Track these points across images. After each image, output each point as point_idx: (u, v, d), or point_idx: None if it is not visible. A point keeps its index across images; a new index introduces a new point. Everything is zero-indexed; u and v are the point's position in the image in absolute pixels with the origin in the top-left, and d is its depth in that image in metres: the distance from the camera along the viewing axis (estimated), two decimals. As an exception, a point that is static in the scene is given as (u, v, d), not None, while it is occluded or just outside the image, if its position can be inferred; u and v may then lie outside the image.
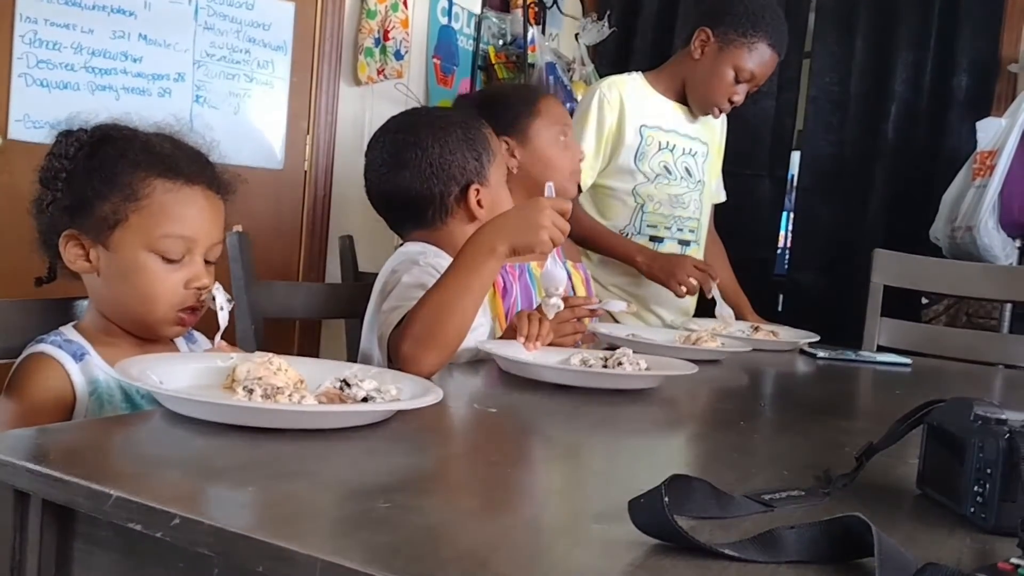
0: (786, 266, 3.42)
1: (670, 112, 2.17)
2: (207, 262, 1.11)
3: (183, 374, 0.92)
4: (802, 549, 0.59)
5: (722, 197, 2.39)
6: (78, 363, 1.04)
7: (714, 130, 2.28)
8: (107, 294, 1.09)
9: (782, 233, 3.51)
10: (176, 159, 1.09)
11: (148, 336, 1.10)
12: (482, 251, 1.16)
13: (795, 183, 3.37)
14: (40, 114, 2.27)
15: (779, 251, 3.50)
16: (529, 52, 3.03)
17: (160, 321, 1.08)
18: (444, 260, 1.33)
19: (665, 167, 2.16)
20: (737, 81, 2.08)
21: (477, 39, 3.08)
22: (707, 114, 2.18)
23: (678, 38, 3.07)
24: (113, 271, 1.07)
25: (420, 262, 1.37)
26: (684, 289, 2.00)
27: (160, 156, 1.09)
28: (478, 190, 1.45)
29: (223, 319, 1.07)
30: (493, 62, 3.08)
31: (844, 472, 0.79)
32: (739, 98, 2.12)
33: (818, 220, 3.23)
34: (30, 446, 0.70)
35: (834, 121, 3.18)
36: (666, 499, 0.58)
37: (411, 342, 1.15)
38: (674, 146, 2.17)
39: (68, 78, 2.35)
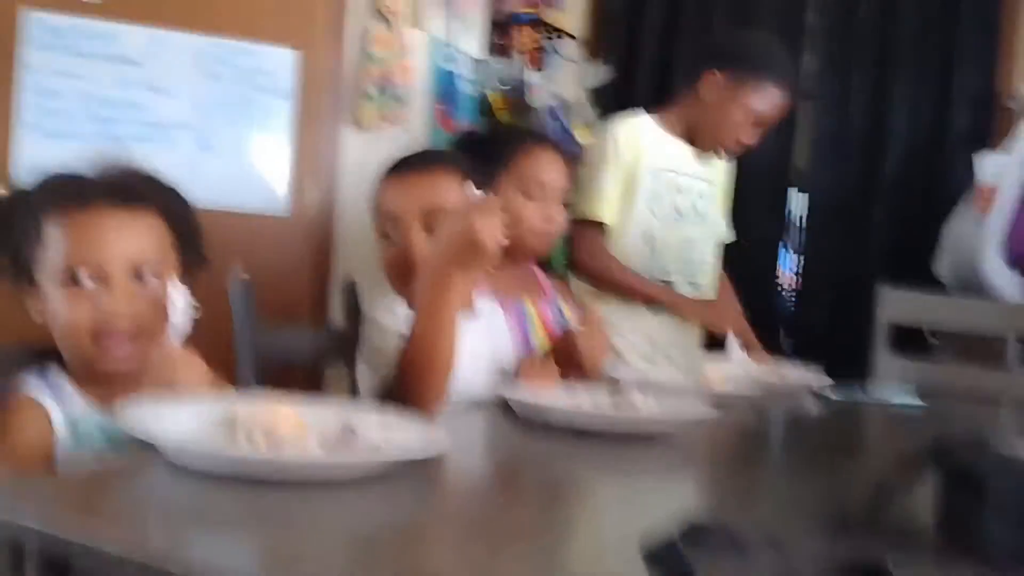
0: (790, 304, 3.40)
1: (680, 153, 2.15)
2: (140, 278, 1.05)
3: (184, 419, 0.90)
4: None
5: (731, 236, 2.38)
6: (57, 402, 1.03)
7: (719, 169, 2.28)
8: (55, 338, 1.07)
9: (783, 271, 3.50)
10: (61, 187, 1.07)
11: (95, 375, 1.06)
12: (438, 288, 1.15)
13: (800, 223, 3.37)
14: (45, 164, 2.28)
15: (780, 289, 3.49)
16: (530, 96, 3.05)
17: (86, 351, 1.04)
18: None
19: (676, 209, 2.14)
20: (747, 122, 2.07)
21: (479, 84, 3.10)
22: (716, 155, 2.18)
23: (678, 79, 3.09)
24: (47, 315, 1.06)
25: (395, 309, 1.36)
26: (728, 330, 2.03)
27: (48, 193, 1.07)
28: None
29: (179, 321, 1.04)
30: (495, 107, 3.10)
31: (860, 512, 0.78)
32: (748, 139, 2.11)
33: (823, 257, 3.22)
34: (27, 498, 0.68)
35: (835, 159, 3.19)
36: (681, 546, 0.56)
37: (408, 393, 1.15)
38: (684, 188, 2.16)
39: (73, 127, 2.36)
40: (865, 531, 0.75)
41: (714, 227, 2.26)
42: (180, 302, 1.04)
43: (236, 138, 2.62)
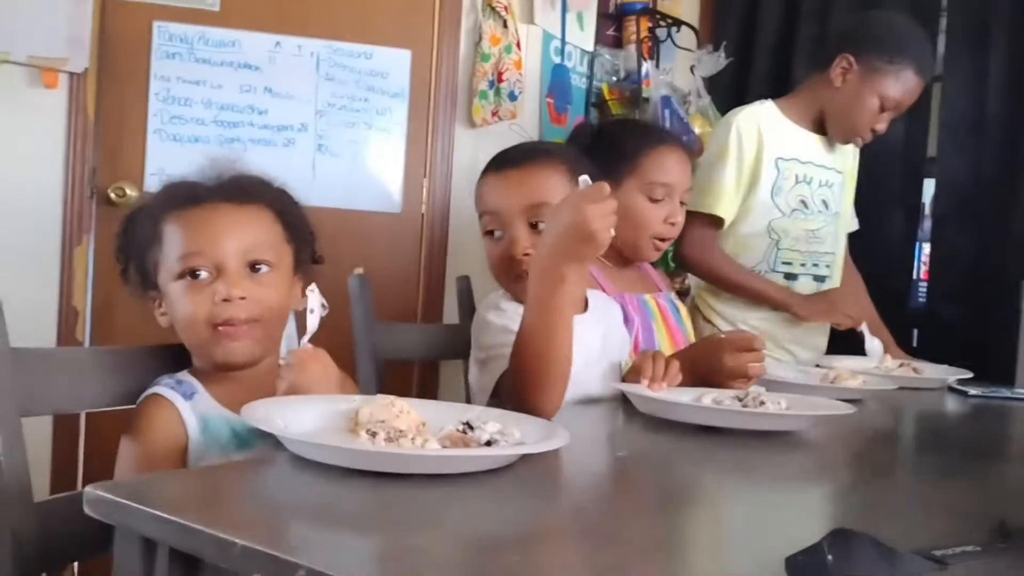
0: (922, 298, 3.22)
1: (806, 142, 2.07)
2: (256, 270, 1.08)
3: (307, 417, 0.91)
4: (990, 615, 0.52)
5: (855, 225, 2.28)
6: (188, 401, 1.06)
7: (847, 157, 2.18)
8: (180, 337, 1.11)
9: (917, 264, 3.32)
10: (176, 190, 1.12)
11: (220, 368, 1.09)
12: (550, 284, 1.08)
13: (929, 211, 3.19)
14: (173, 168, 2.33)
15: (914, 283, 3.31)
16: (643, 87, 2.99)
17: (205, 342, 1.07)
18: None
19: (802, 201, 2.06)
20: (882, 109, 1.98)
21: (590, 76, 3.06)
22: (847, 143, 2.09)
23: (798, 65, 2.97)
24: (170, 313, 1.10)
25: (501, 305, 1.34)
26: (851, 320, 1.97)
27: (164, 197, 1.12)
28: None
29: (311, 322, 1.04)
30: (607, 99, 3.05)
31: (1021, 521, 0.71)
32: (882, 127, 2.02)
33: (956, 249, 3.03)
34: (158, 494, 0.69)
35: (969, 145, 3.00)
36: (829, 557, 0.52)
37: (523, 393, 1.11)
38: (811, 178, 2.07)
39: (199, 132, 2.45)
40: (1027, 542, 0.68)
41: (842, 218, 2.16)
42: (313, 302, 1.05)
43: (353, 139, 2.67)
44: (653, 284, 1.80)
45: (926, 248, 3.28)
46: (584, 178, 1.09)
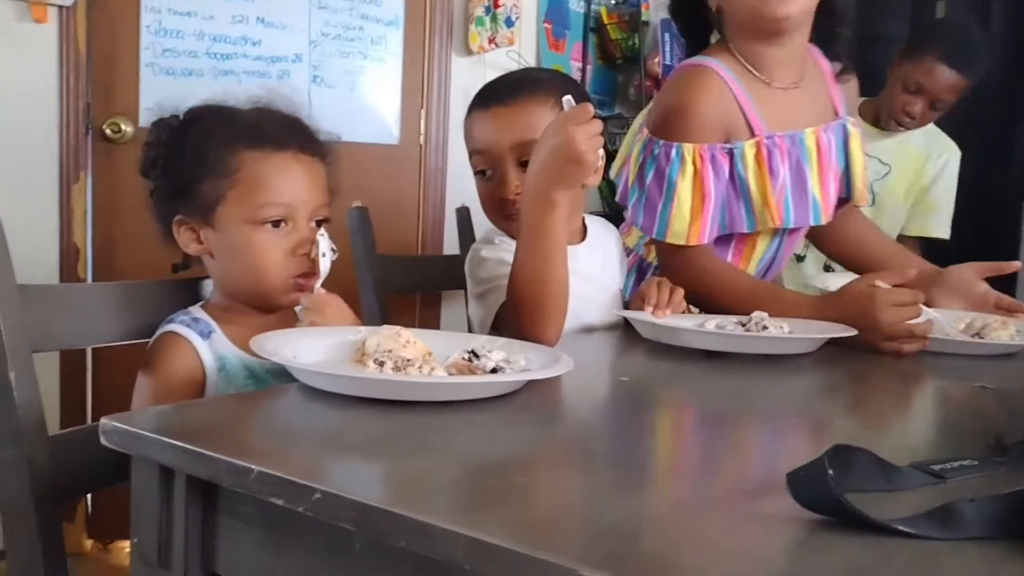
0: None
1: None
2: (318, 223, 1.10)
3: (315, 349, 0.92)
4: (985, 524, 0.54)
5: (938, 233, 2.35)
6: (205, 340, 1.07)
7: (898, 151, 2.27)
8: (222, 273, 1.11)
9: None
10: (261, 128, 1.09)
11: (268, 308, 1.11)
12: (541, 211, 1.07)
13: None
14: (168, 102, 2.33)
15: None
16: (643, 10, 2.93)
17: (275, 291, 1.09)
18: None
19: None
20: (907, 92, 2.21)
21: (588, 0, 3.01)
22: (886, 127, 2.28)
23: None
24: (223, 249, 1.09)
25: (495, 240, 1.33)
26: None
27: (245, 128, 1.09)
28: None
29: (324, 266, 1.06)
30: (605, 23, 3.00)
31: (1020, 439, 0.72)
32: (914, 110, 2.22)
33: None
34: (174, 423, 0.71)
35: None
36: (830, 471, 0.53)
37: (523, 324, 1.10)
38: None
39: (192, 65, 2.42)
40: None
41: (886, 211, 2.19)
42: (324, 246, 1.07)
43: (348, 69, 2.63)
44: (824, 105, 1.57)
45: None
46: (567, 99, 1.07)
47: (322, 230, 1.08)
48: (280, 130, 1.10)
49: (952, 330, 1.32)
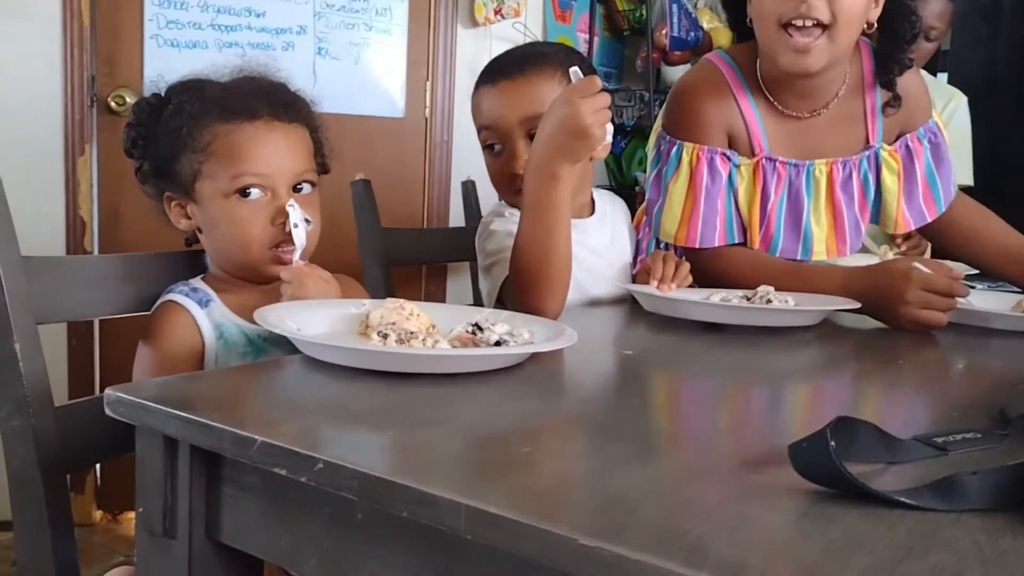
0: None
1: None
2: (298, 190, 1.10)
3: (318, 321, 0.93)
4: (987, 496, 0.54)
5: (960, 179, 2.10)
6: (204, 309, 1.07)
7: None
8: (211, 246, 1.12)
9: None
10: (228, 99, 1.08)
11: (258, 279, 1.11)
12: (545, 184, 1.07)
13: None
14: (172, 74, 2.32)
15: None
16: (650, -20, 2.91)
17: (258, 262, 1.08)
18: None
19: None
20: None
21: (594, -29, 2.98)
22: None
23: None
24: (207, 224, 1.10)
25: (504, 213, 1.33)
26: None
27: (212, 100, 1.08)
28: None
29: (298, 237, 1.06)
30: (612, -7, 2.98)
31: (1023, 412, 0.72)
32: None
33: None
34: (178, 394, 0.71)
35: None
36: (832, 443, 0.53)
37: (525, 297, 1.11)
38: None
39: (196, 37, 2.41)
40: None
41: None
42: (295, 216, 1.06)
43: (353, 41, 2.62)
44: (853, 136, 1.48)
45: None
46: (574, 70, 1.07)
47: (291, 201, 1.07)
48: (250, 99, 1.08)
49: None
